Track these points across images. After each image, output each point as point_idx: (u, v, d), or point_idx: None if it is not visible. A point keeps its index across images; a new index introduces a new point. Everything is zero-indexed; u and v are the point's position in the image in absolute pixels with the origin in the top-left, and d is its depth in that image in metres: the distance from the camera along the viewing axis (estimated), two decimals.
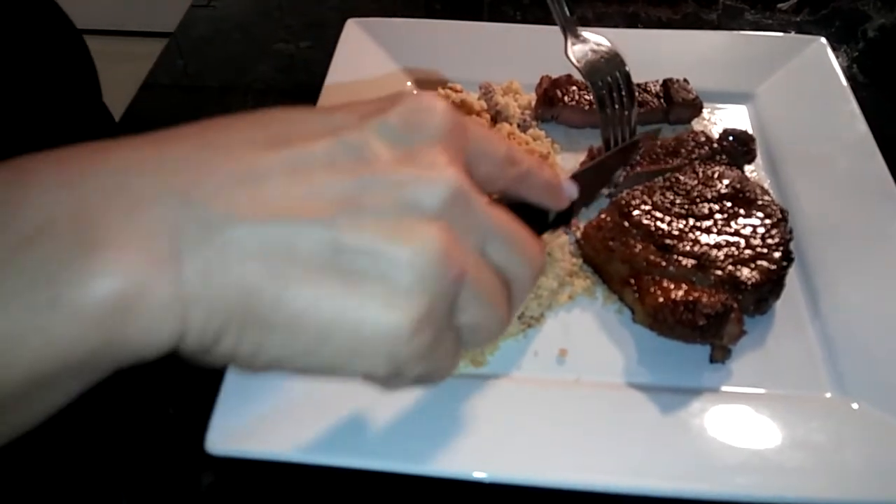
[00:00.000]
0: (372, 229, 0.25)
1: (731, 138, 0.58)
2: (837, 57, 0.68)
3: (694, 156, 0.56)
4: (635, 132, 0.59)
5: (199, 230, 0.24)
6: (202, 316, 0.24)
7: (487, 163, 0.31)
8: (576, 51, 0.58)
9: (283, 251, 0.24)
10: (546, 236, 0.52)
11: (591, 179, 0.47)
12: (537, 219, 0.35)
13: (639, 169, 0.56)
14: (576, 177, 0.41)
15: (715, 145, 0.57)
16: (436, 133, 0.28)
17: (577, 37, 0.58)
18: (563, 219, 0.38)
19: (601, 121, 0.58)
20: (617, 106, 0.58)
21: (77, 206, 0.23)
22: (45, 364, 0.22)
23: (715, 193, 0.52)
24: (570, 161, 0.61)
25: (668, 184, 0.54)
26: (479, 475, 0.40)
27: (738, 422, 0.43)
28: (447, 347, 0.28)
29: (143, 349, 0.24)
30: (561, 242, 0.53)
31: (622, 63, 0.58)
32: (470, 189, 0.28)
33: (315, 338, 0.25)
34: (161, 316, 0.23)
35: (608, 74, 0.57)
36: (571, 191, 0.37)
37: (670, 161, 0.56)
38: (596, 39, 0.58)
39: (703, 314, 0.44)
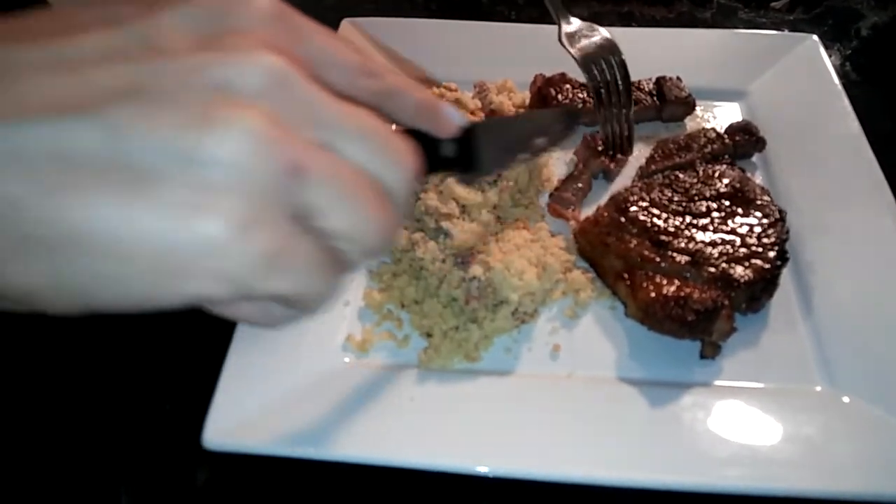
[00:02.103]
0: (163, 118, 0.21)
1: (739, 132, 0.60)
2: (830, 55, 0.68)
3: (707, 150, 0.57)
4: (632, 119, 0.60)
5: None
6: None
7: (334, 70, 0.26)
8: (570, 37, 0.59)
9: (46, 154, 0.20)
10: (544, 238, 0.52)
11: (504, 131, 0.41)
12: (429, 152, 0.30)
13: (653, 166, 0.57)
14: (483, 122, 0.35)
15: (727, 141, 0.58)
16: (254, 19, 0.24)
17: (569, 23, 0.59)
18: (467, 161, 0.32)
19: (596, 107, 0.59)
20: (612, 90, 0.58)
21: None
22: None
23: (714, 192, 0.53)
24: (564, 158, 0.61)
25: (667, 181, 0.54)
26: (474, 469, 0.41)
27: (730, 415, 0.43)
28: (309, 258, 0.23)
29: None
30: (556, 240, 0.53)
31: (616, 49, 0.58)
32: (302, 75, 0.23)
33: (116, 259, 0.21)
34: None
35: (603, 60, 0.58)
36: (456, 117, 0.31)
37: (683, 156, 0.57)
38: (589, 25, 0.59)
39: (693, 310, 0.44)
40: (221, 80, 0.22)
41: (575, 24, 0.60)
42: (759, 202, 0.52)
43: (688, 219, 0.51)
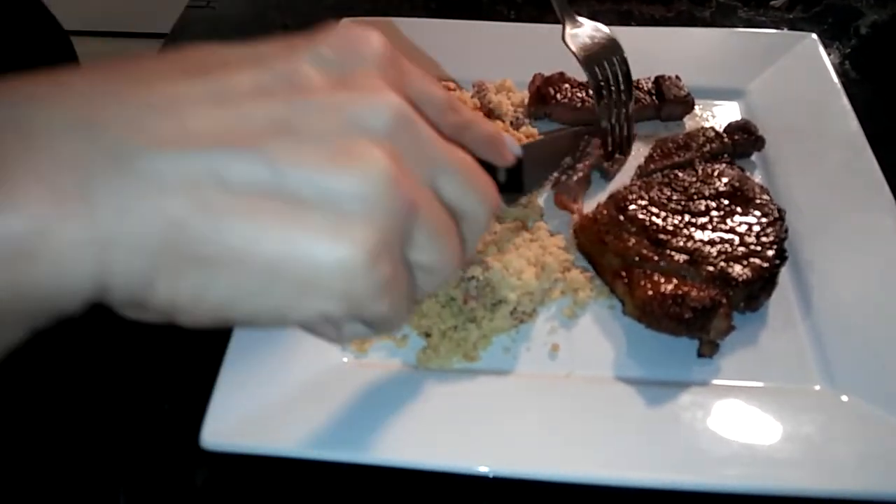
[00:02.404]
0: (312, 154, 0.24)
1: (738, 131, 0.60)
2: (830, 54, 0.68)
3: (706, 149, 0.57)
4: (632, 120, 0.60)
5: (112, 163, 0.22)
6: (124, 256, 0.22)
7: (429, 106, 0.30)
8: (573, 37, 0.58)
9: (212, 182, 0.23)
10: (543, 237, 0.53)
11: (538, 153, 0.46)
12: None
13: (652, 165, 0.57)
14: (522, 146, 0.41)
15: (726, 140, 0.58)
16: (372, 61, 0.28)
17: (574, 22, 0.59)
18: (514, 185, 0.37)
19: (598, 108, 0.58)
20: (613, 90, 0.58)
21: None
22: None
23: (713, 191, 0.53)
24: None
25: (666, 180, 0.54)
26: (473, 469, 0.41)
27: (728, 414, 0.43)
28: (403, 287, 0.27)
29: (59, 298, 0.22)
30: (555, 240, 0.53)
31: (619, 49, 0.58)
32: (416, 115, 0.27)
33: (262, 275, 0.24)
34: (73, 258, 0.21)
35: (605, 60, 0.58)
36: (514, 147, 0.36)
37: (682, 155, 0.57)
38: (594, 25, 0.59)
39: (690, 307, 0.44)
40: (356, 119, 0.25)
41: (581, 24, 0.59)
42: (758, 201, 0.52)
43: (686, 217, 0.51)
